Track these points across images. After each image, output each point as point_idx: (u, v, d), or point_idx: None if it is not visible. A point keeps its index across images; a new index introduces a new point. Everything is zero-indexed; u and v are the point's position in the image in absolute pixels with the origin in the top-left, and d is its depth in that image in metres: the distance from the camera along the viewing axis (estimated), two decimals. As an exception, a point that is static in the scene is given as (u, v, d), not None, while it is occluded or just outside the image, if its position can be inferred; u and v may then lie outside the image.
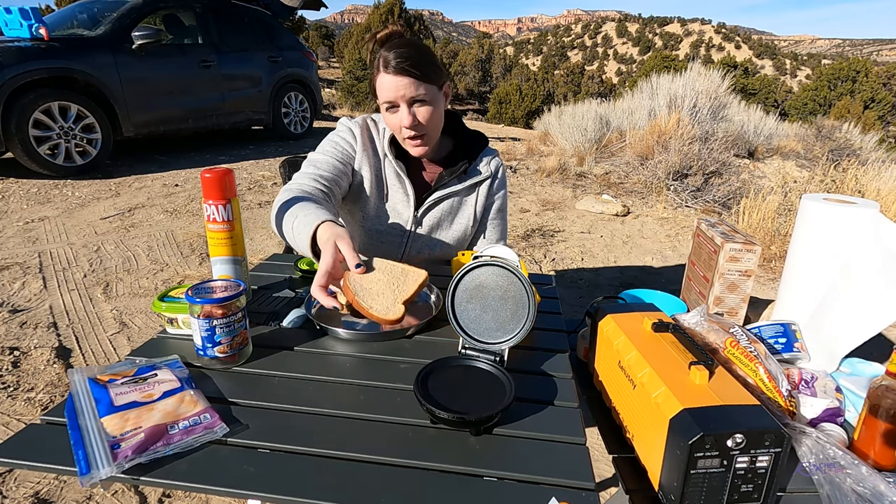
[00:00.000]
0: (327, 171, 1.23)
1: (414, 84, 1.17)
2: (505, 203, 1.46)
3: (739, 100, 8.37)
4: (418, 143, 1.24)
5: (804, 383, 0.84)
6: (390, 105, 1.20)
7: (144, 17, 4.77)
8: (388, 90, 1.17)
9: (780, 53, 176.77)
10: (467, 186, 1.36)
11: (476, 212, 1.39)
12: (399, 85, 1.16)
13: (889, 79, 26.80)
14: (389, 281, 0.94)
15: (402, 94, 1.17)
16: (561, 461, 0.63)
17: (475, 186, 1.39)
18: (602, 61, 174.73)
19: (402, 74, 1.16)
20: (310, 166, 1.24)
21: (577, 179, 5.57)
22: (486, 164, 1.40)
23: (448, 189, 1.34)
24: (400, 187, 1.32)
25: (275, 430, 0.67)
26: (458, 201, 1.38)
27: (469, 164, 1.36)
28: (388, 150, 1.31)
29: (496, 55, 31.07)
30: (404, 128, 1.21)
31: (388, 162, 1.32)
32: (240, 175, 4.75)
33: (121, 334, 2.21)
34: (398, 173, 1.31)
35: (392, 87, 1.16)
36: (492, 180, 1.41)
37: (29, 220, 3.41)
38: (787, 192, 4.10)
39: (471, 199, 1.39)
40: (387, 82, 1.17)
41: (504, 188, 1.45)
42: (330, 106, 13.24)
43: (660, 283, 3.21)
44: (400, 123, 1.21)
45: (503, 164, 1.45)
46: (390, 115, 1.22)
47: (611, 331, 0.83)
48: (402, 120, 1.20)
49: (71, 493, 1.47)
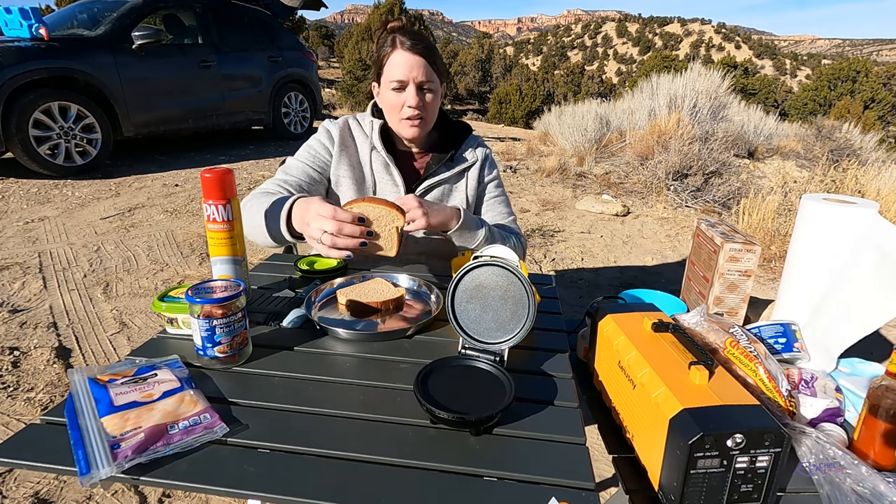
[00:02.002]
0: (295, 177, 1.25)
1: (426, 68, 1.19)
2: (500, 182, 1.48)
3: (739, 100, 8.37)
4: (416, 123, 1.25)
5: (804, 383, 0.84)
6: (399, 84, 1.20)
7: (144, 17, 4.76)
8: (401, 67, 1.18)
9: (780, 53, 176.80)
10: (456, 173, 1.38)
11: (468, 197, 1.40)
12: (413, 64, 1.18)
13: (889, 79, 26.79)
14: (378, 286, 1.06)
15: (415, 76, 1.18)
16: (561, 461, 0.63)
17: (463, 173, 1.40)
18: (602, 61, 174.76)
19: (417, 54, 1.17)
20: (281, 173, 1.27)
21: (577, 179, 5.57)
22: (472, 150, 1.41)
23: (437, 177, 1.35)
24: (389, 179, 1.33)
25: (275, 430, 0.67)
26: (449, 188, 1.38)
27: (456, 152, 1.38)
28: (378, 142, 1.31)
29: (496, 55, 31.06)
30: (408, 107, 1.21)
31: (376, 154, 1.32)
32: (240, 175, 4.75)
33: (121, 334, 2.21)
34: (386, 164, 1.32)
35: (406, 64, 1.18)
36: (480, 165, 1.42)
37: (29, 220, 3.41)
38: (787, 192, 4.10)
39: (461, 185, 1.40)
40: (401, 60, 1.18)
41: (494, 169, 1.46)
42: (330, 106, 13.24)
43: (660, 283, 3.21)
44: (404, 102, 1.21)
45: (489, 149, 1.47)
46: (395, 94, 1.22)
47: (611, 331, 0.83)
48: (409, 99, 1.20)
49: (71, 493, 1.47)
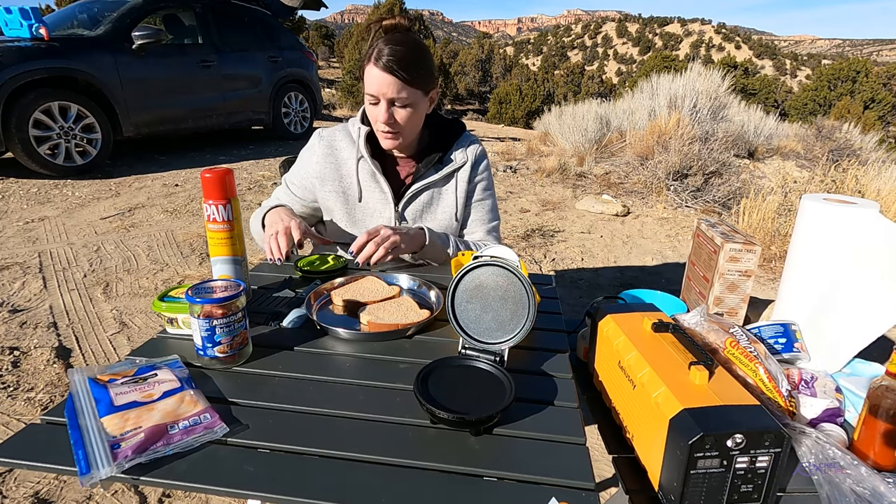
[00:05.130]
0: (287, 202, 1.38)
1: (398, 86, 1.17)
2: (489, 185, 1.43)
3: (739, 100, 8.36)
4: (390, 137, 1.25)
5: (804, 383, 0.84)
6: (373, 98, 1.21)
7: (144, 17, 4.77)
8: (372, 84, 1.18)
9: (780, 53, 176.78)
10: (444, 176, 1.35)
11: (457, 199, 1.37)
12: (383, 83, 1.17)
13: (889, 79, 26.79)
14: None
15: (384, 93, 1.18)
16: (561, 461, 0.63)
17: (452, 174, 1.36)
18: (602, 61, 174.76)
19: (388, 73, 1.15)
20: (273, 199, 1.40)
21: (577, 179, 5.57)
22: (463, 151, 1.37)
23: (424, 181, 1.33)
24: (375, 186, 1.32)
25: (275, 430, 0.67)
26: (437, 191, 1.36)
27: (444, 153, 1.35)
28: (364, 149, 1.31)
29: (496, 55, 31.06)
30: (380, 122, 1.22)
31: (363, 162, 1.32)
32: (240, 175, 4.75)
33: (121, 334, 2.21)
34: (373, 172, 1.31)
35: (376, 82, 1.17)
36: (472, 167, 1.37)
37: (29, 220, 3.41)
38: (787, 193, 4.09)
39: (449, 187, 1.37)
40: (373, 77, 1.17)
41: (486, 171, 1.41)
42: (330, 106, 13.24)
43: (660, 283, 3.21)
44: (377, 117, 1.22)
45: (483, 148, 1.42)
46: (371, 106, 1.23)
47: (611, 331, 0.83)
48: (379, 116, 1.21)
49: (71, 493, 1.47)
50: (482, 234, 1.41)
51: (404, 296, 1.06)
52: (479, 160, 1.40)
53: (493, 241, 1.40)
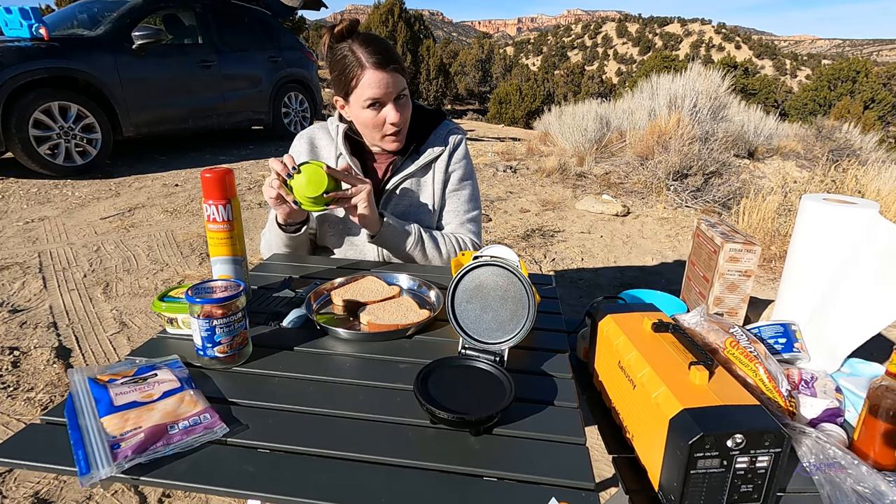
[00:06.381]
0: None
1: (397, 78, 1.16)
2: (466, 174, 1.37)
3: (739, 100, 8.36)
4: (397, 137, 1.24)
5: (804, 383, 0.84)
6: (374, 102, 1.17)
7: (144, 17, 4.77)
8: (378, 87, 1.15)
9: (780, 53, 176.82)
10: (421, 167, 1.32)
11: (435, 190, 1.34)
12: (389, 82, 1.15)
13: (889, 79, 26.80)
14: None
15: (391, 91, 1.16)
16: (561, 461, 0.63)
17: (430, 164, 1.33)
18: (602, 61, 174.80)
19: (386, 70, 1.14)
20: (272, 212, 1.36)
21: (577, 179, 5.56)
22: (441, 139, 1.34)
23: (402, 173, 1.30)
24: None
25: (275, 430, 0.67)
26: (416, 182, 1.33)
27: (421, 143, 1.32)
28: (343, 147, 1.29)
29: (496, 55, 31.08)
30: (391, 124, 1.19)
31: (342, 160, 1.30)
32: (240, 175, 4.75)
33: (121, 334, 2.21)
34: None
35: (382, 83, 1.14)
36: (448, 155, 1.33)
37: (29, 220, 3.41)
38: (787, 193, 4.10)
39: (428, 177, 1.34)
40: (374, 80, 1.14)
41: (463, 160, 1.36)
42: (330, 106, 13.24)
43: (660, 283, 3.21)
44: (385, 120, 1.19)
45: (463, 135, 1.37)
46: (371, 112, 1.18)
47: (611, 331, 0.83)
48: (390, 117, 1.18)
49: (71, 493, 1.47)
50: (455, 225, 1.37)
51: (404, 296, 1.06)
52: (454, 148, 1.35)
53: (466, 234, 1.36)
